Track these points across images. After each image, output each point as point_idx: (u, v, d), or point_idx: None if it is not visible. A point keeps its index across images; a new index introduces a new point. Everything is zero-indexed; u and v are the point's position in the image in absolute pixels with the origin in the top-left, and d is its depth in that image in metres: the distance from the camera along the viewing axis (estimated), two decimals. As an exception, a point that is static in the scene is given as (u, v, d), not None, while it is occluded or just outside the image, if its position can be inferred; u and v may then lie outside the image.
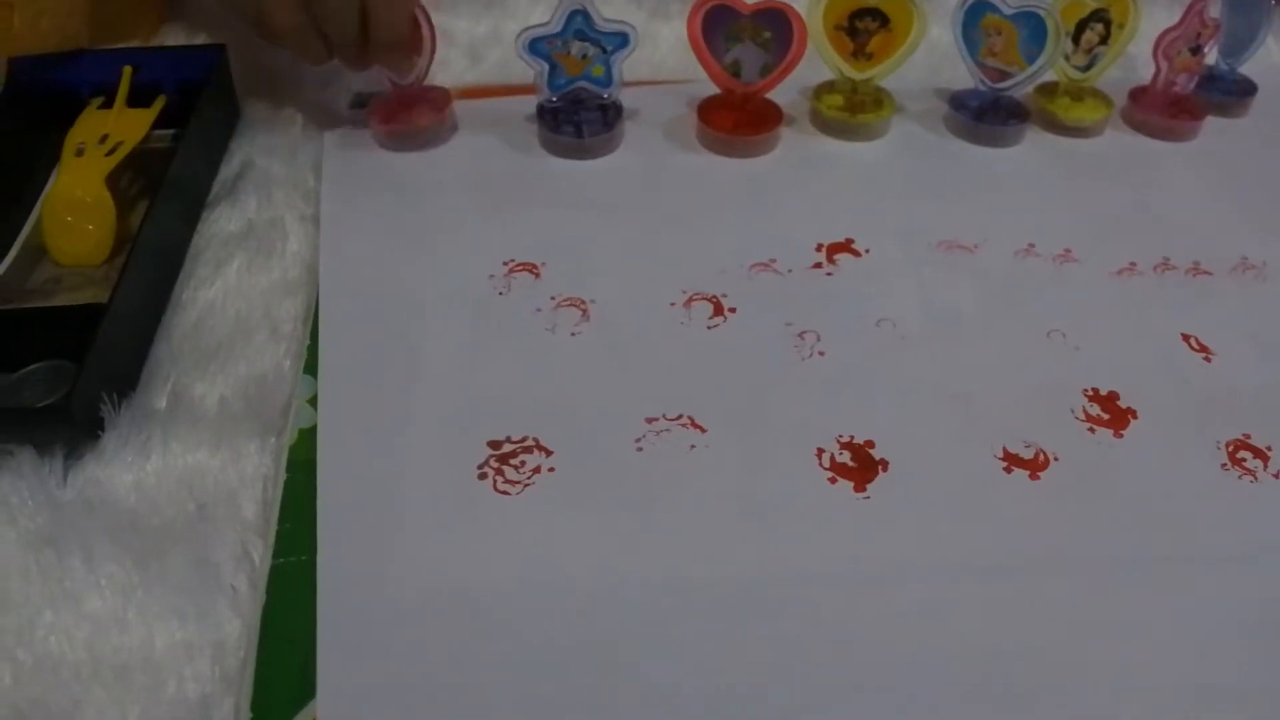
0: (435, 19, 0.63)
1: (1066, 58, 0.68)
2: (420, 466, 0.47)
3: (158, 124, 0.63)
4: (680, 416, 0.49)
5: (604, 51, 0.62)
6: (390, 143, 0.64)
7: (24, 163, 0.61)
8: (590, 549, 0.44)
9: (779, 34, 0.62)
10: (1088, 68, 0.68)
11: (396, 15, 0.59)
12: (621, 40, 0.62)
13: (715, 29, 0.63)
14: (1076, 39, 0.67)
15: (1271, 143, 0.71)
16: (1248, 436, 0.50)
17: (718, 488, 0.46)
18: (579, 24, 0.61)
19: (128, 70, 0.64)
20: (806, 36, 0.62)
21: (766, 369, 0.52)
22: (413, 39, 0.62)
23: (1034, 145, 0.68)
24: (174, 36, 0.74)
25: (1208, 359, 0.54)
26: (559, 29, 0.61)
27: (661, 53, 0.74)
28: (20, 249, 0.57)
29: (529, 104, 0.65)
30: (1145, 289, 0.58)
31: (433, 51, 0.63)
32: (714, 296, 0.55)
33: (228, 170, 0.63)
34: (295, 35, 0.58)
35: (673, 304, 0.55)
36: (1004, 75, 0.66)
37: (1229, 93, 0.73)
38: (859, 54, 0.65)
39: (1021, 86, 0.66)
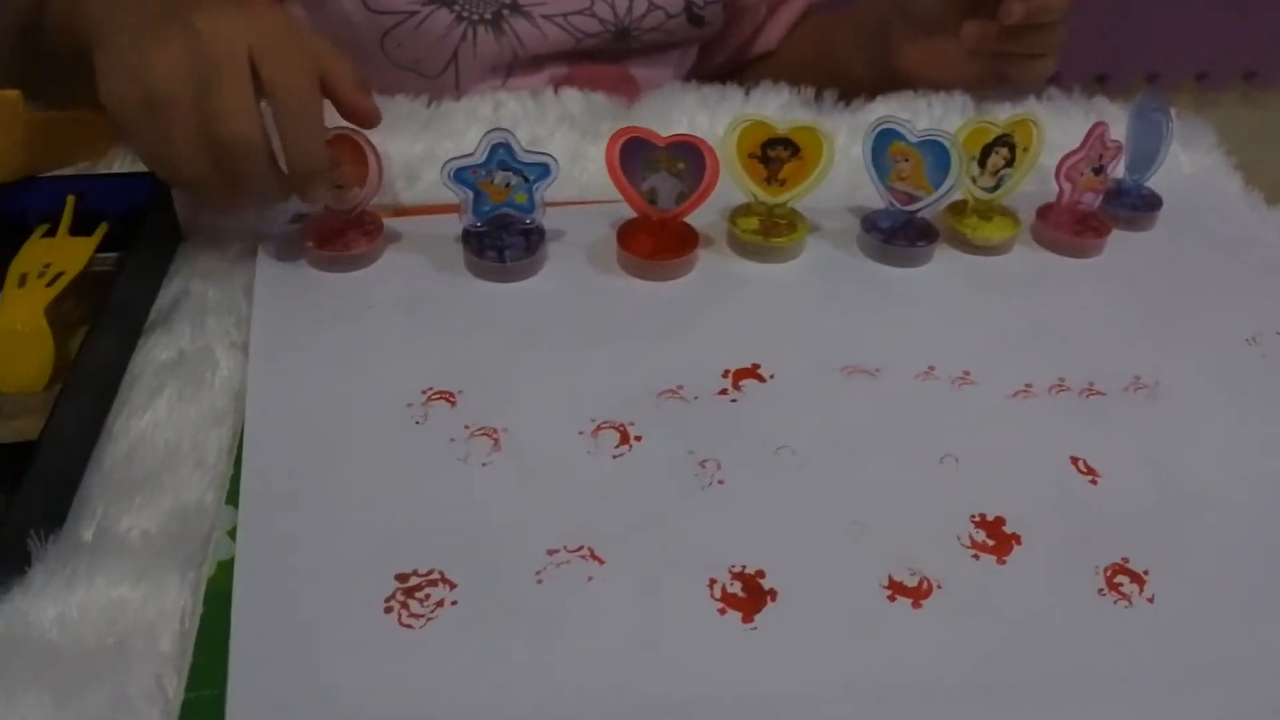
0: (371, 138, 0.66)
1: (974, 180, 0.71)
2: (331, 600, 0.49)
3: (102, 247, 0.66)
4: (580, 548, 0.51)
5: (526, 180, 0.65)
6: (323, 265, 0.67)
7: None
8: (487, 682, 0.46)
9: (692, 164, 0.65)
10: (995, 188, 0.71)
11: (308, 146, 0.61)
12: (543, 170, 0.65)
13: (633, 158, 0.66)
14: (983, 162, 0.70)
15: (1175, 256, 0.74)
16: (1126, 560, 0.53)
17: (613, 620, 0.49)
18: (502, 155, 0.64)
19: (71, 199, 0.66)
20: (719, 168, 0.65)
21: (667, 498, 0.54)
22: (356, 171, 0.65)
23: (943, 264, 0.71)
24: (124, 157, 0.77)
25: (1094, 481, 0.57)
26: (482, 159, 0.64)
27: (589, 174, 0.76)
28: (-39, 376, 0.59)
29: (457, 223, 0.68)
30: (1039, 411, 0.61)
31: (379, 182, 0.66)
32: (621, 425, 0.58)
33: (165, 296, 0.66)
34: (203, 184, 0.61)
35: (581, 432, 0.57)
36: (913, 199, 0.69)
37: (1136, 207, 0.76)
38: (772, 180, 0.68)
39: (928, 209, 0.69)
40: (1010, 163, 0.70)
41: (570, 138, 0.80)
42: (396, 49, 0.87)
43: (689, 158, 0.65)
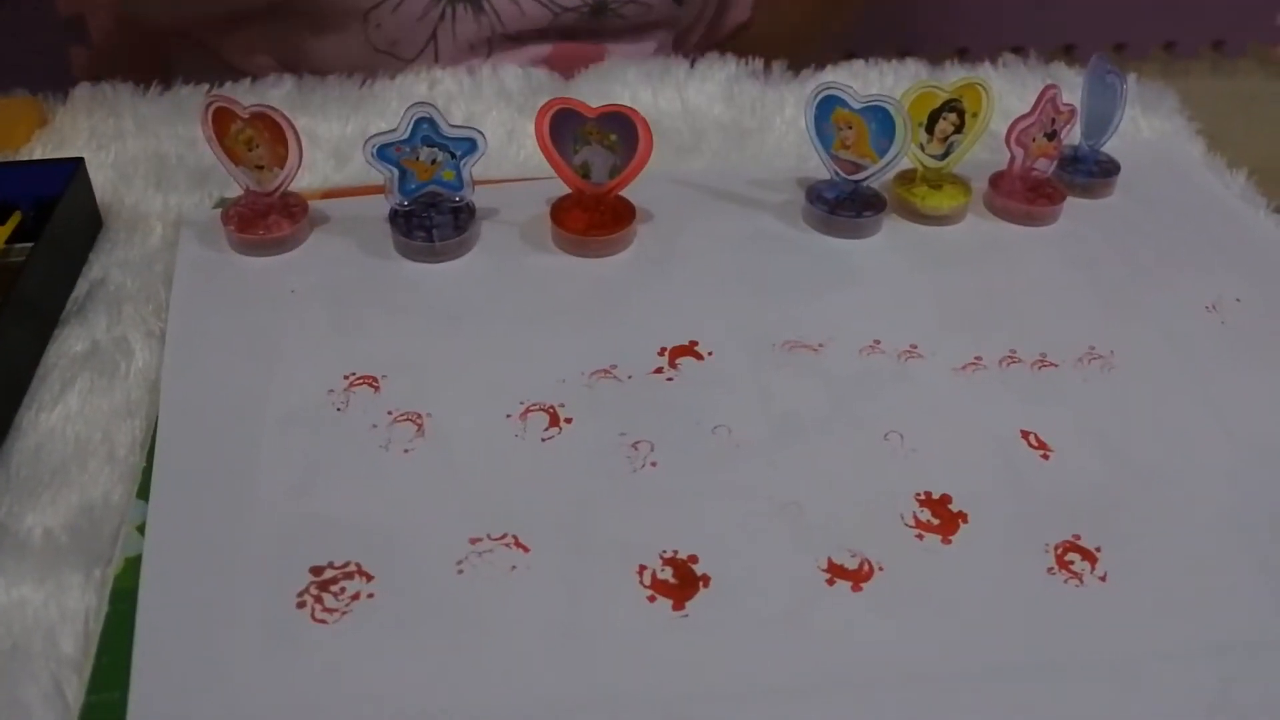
0: (301, 121, 0.63)
1: (922, 147, 0.69)
2: (242, 596, 0.47)
3: (17, 237, 0.63)
4: (505, 536, 0.49)
5: (453, 156, 0.63)
6: (244, 249, 0.65)
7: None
8: (405, 678, 0.44)
9: (625, 136, 0.63)
10: (944, 155, 0.69)
11: None
12: (470, 145, 0.63)
13: (563, 131, 0.63)
14: (931, 129, 0.68)
15: (1132, 223, 0.72)
16: (1077, 538, 0.50)
17: (537, 611, 0.46)
18: (425, 130, 0.62)
19: (-16, 189, 0.64)
20: (652, 140, 0.62)
21: (596, 482, 0.52)
22: (275, 152, 0.63)
23: (891, 235, 0.69)
24: (45, 143, 0.74)
25: (1045, 456, 0.54)
26: (406, 135, 0.62)
27: (526, 151, 0.74)
28: None
29: (385, 204, 0.66)
30: (989, 384, 0.58)
31: (299, 162, 0.64)
32: (551, 407, 0.55)
33: (82, 286, 0.63)
34: None
35: (509, 415, 0.55)
36: (859, 168, 0.66)
37: (1092, 173, 0.74)
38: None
39: (875, 178, 0.67)
40: (959, 129, 0.68)
41: (506, 114, 0.77)
42: (375, 30, 0.85)
43: (621, 129, 0.62)
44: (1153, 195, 0.75)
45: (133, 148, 0.75)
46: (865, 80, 0.82)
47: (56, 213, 0.62)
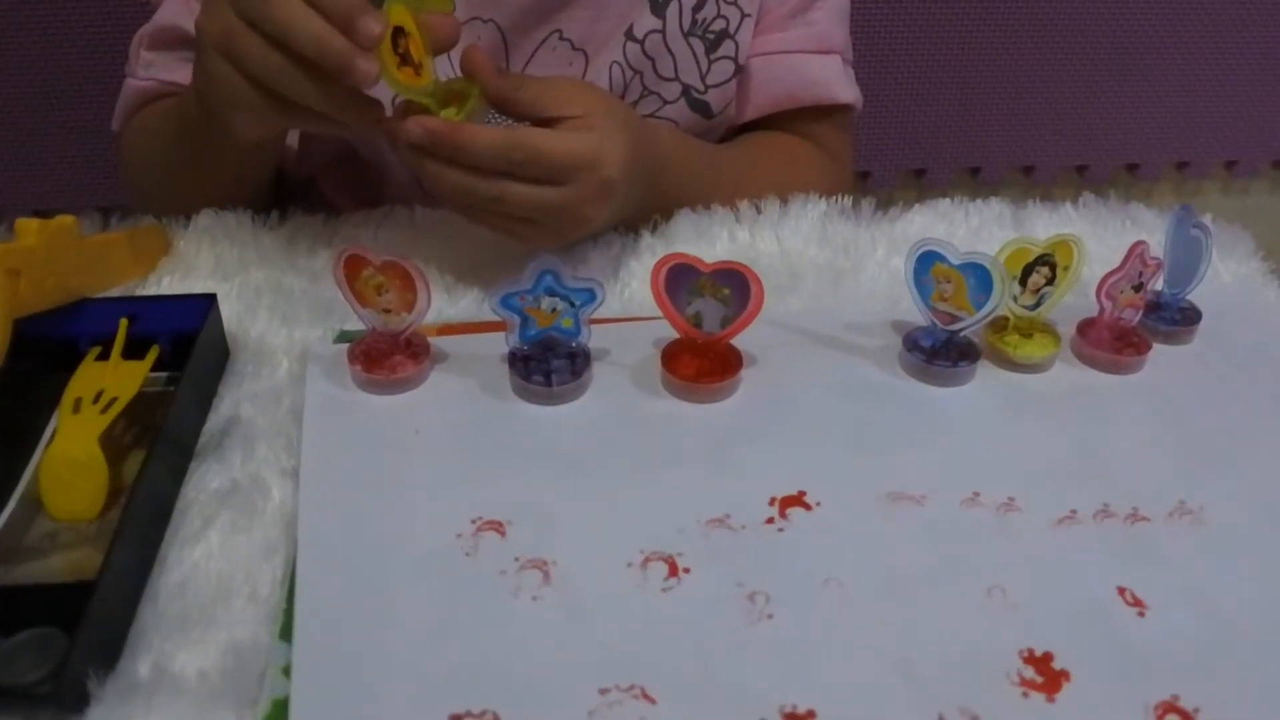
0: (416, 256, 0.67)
1: (1015, 298, 0.71)
2: (385, 741, 0.49)
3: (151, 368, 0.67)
4: (632, 687, 0.51)
5: (572, 305, 0.66)
6: (369, 387, 0.68)
7: (23, 412, 0.65)
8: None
9: (737, 290, 0.66)
10: (1036, 306, 0.72)
11: None
12: (589, 295, 0.66)
13: (678, 284, 0.67)
14: (1024, 281, 0.71)
15: (1216, 372, 0.74)
16: (1176, 698, 0.52)
17: (667, 763, 0.49)
18: (549, 282, 0.65)
19: (124, 323, 0.67)
20: (763, 294, 0.65)
21: (716, 634, 0.54)
22: (404, 298, 0.66)
23: (984, 382, 0.72)
24: (173, 271, 0.78)
25: (1141, 613, 0.56)
26: (529, 286, 0.65)
27: (632, 289, 0.78)
28: (17, 502, 0.60)
29: (502, 341, 0.69)
30: (1084, 539, 0.61)
31: (426, 308, 0.67)
32: (670, 557, 0.58)
33: (215, 420, 0.67)
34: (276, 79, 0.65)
35: (630, 564, 0.58)
36: (955, 319, 0.69)
37: (1175, 321, 0.77)
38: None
39: (970, 329, 0.70)
40: (1051, 281, 0.71)
41: (610, 253, 0.81)
42: None
43: (733, 283, 0.65)
44: (1235, 342, 0.77)
45: (256, 278, 0.78)
46: (951, 221, 0.85)
47: (196, 349, 0.66)
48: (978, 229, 0.84)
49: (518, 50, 0.89)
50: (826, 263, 0.81)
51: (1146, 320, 0.75)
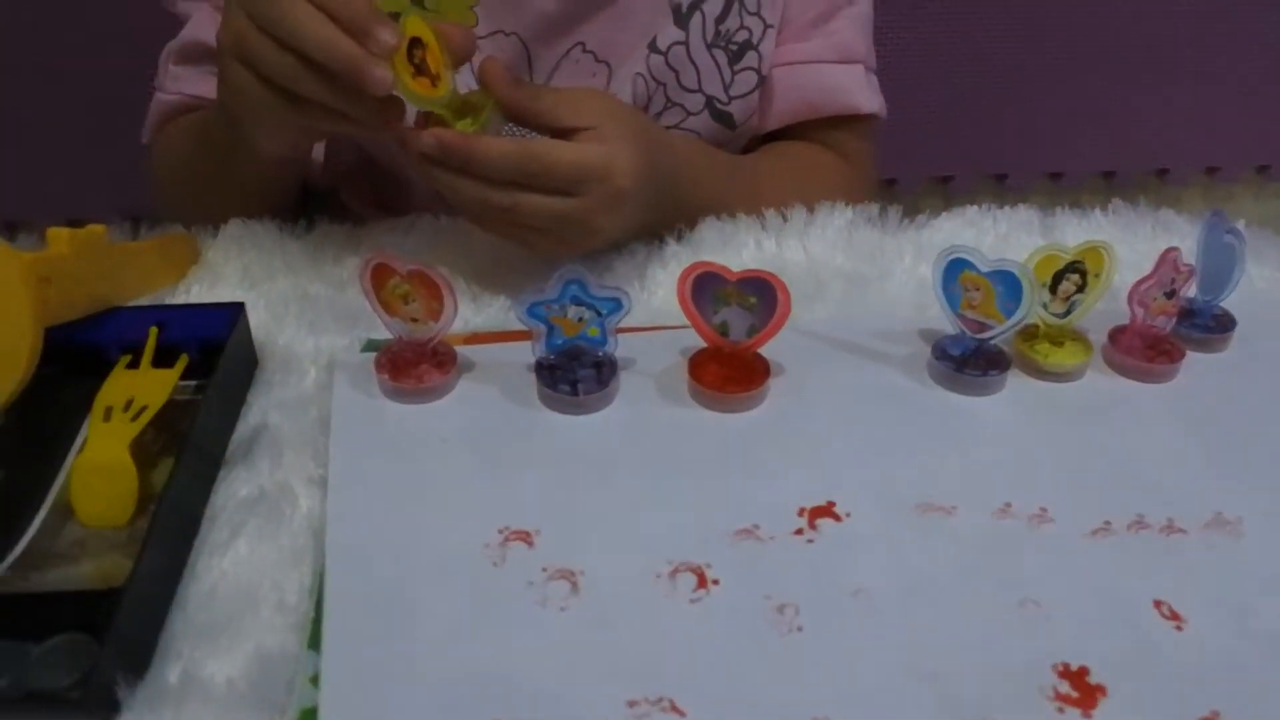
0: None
1: (1045, 306, 0.71)
2: (414, 753, 0.49)
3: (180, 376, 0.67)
4: (661, 699, 0.51)
5: (599, 315, 0.66)
6: (396, 396, 0.68)
7: (54, 419, 0.65)
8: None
9: (764, 299, 0.65)
10: (1066, 314, 0.71)
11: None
12: (615, 304, 0.66)
13: (704, 292, 0.66)
14: (1054, 288, 0.70)
15: (1250, 379, 0.73)
16: (1216, 714, 0.52)
17: (696, 776, 0.48)
18: (575, 291, 0.65)
19: (154, 331, 0.68)
20: (790, 303, 0.65)
21: (746, 646, 0.54)
22: (430, 306, 0.66)
23: (1015, 391, 0.71)
24: (201, 280, 0.78)
25: (1179, 627, 0.56)
26: (556, 295, 0.65)
27: (658, 297, 0.77)
28: (49, 509, 0.61)
29: (529, 350, 0.69)
30: (1118, 551, 0.60)
31: (453, 317, 0.67)
32: (698, 567, 0.58)
33: (243, 428, 0.67)
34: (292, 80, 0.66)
35: (658, 575, 0.57)
36: (984, 327, 0.69)
37: (1209, 329, 0.76)
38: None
39: (1000, 337, 0.69)
40: (1081, 288, 0.70)
41: (635, 260, 0.81)
42: None
43: (760, 292, 0.65)
44: (1271, 349, 0.76)
45: (283, 287, 0.79)
46: (979, 228, 0.85)
47: (224, 358, 0.66)
48: (1006, 236, 0.84)
49: (540, 62, 0.89)
50: (853, 271, 0.81)
51: (1179, 327, 0.75)
